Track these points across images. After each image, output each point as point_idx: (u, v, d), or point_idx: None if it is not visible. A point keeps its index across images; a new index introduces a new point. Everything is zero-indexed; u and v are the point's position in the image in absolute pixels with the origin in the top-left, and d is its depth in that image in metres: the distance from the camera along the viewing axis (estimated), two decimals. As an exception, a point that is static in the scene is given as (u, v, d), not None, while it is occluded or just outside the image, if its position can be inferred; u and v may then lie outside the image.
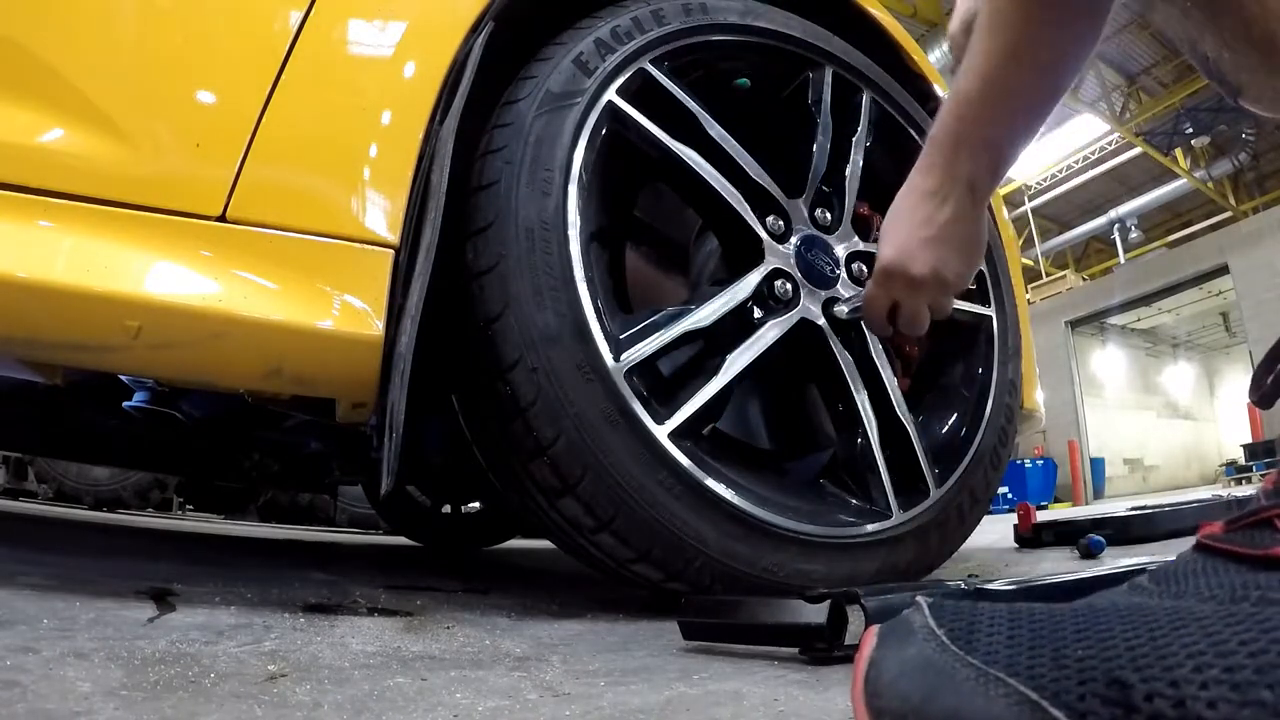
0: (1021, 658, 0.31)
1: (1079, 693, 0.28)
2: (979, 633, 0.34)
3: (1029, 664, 0.30)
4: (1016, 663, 0.31)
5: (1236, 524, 0.38)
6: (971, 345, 1.21)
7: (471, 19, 0.83)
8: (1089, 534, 1.60)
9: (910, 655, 0.34)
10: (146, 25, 0.71)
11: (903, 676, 0.33)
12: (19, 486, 5.21)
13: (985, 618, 0.35)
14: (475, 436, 0.90)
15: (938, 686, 0.31)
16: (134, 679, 0.47)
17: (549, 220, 0.83)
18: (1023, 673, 0.30)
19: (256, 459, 1.89)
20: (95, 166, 0.66)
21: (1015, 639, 0.32)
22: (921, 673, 0.32)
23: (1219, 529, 0.39)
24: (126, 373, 0.93)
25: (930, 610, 0.36)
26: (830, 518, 0.93)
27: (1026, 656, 0.31)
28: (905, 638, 0.35)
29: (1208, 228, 13.73)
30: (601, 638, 0.74)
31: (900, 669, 0.33)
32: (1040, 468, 11.99)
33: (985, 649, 0.32)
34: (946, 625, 0.35)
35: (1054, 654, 0.31)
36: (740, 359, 0.91)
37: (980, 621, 0.34)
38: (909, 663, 0.33)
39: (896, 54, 1.26)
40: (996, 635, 0.33)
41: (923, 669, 0.32)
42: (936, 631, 0.34)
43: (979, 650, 0.32)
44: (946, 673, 0.32)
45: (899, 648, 0.34)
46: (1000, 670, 0.31)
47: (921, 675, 0.32)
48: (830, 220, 1.07)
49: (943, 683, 0.31)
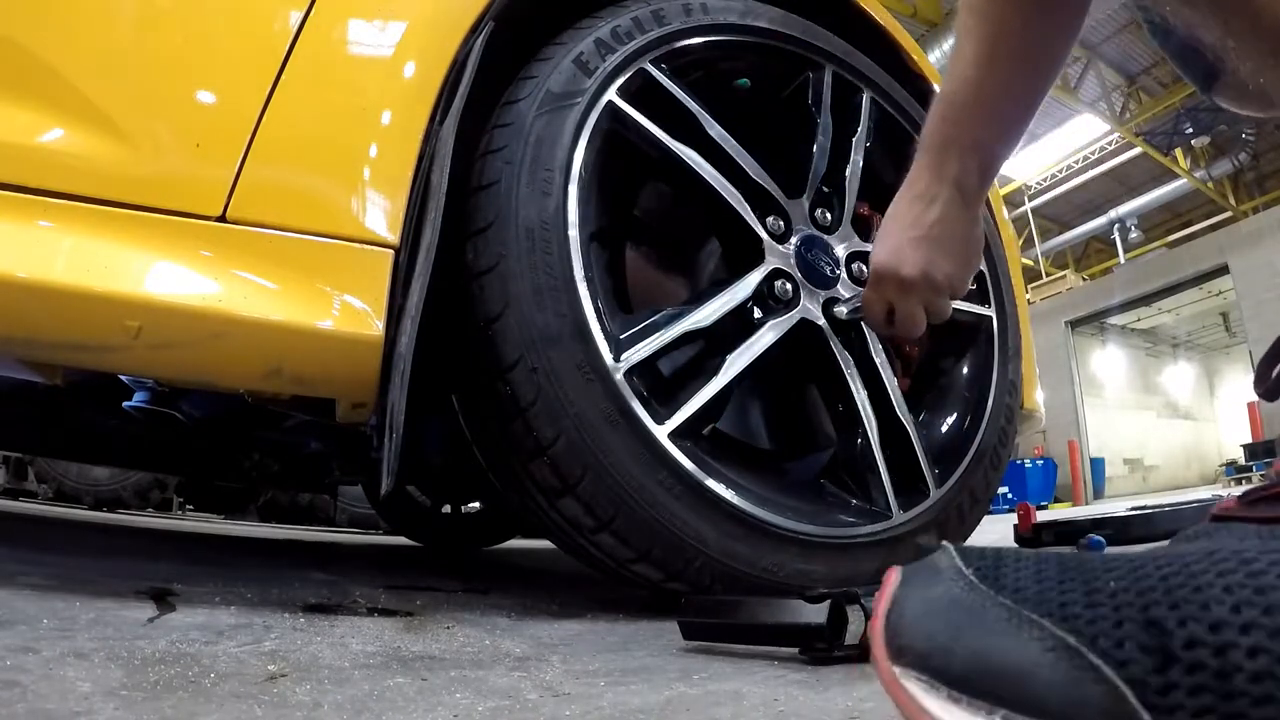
0: (1052, 593, 0.29)
1: (1116, 636, 0.27)
2: (1006, 571, 0.32)
3: (1060, 600, 0.29)
4: (1048, 599, 0.29)
5: (1251, 497, 0.37)
6: (971, 345, 1.21)
7: (471, 19, 0.83)
8: (1089, 534, 1.61)
9: (936, 594, 0.32)
10: (146, 25, 0.71)
11: (928, 615, 0.31)
12: (19, 486, 5.21)
13: (1012, 558, 0.33)
14: (475, 436, 0.90)
15: (966, 625, 0.29)
16: (134, 679, 0.47)
17: (549, 220, 0.83)
18: (1055, 611, 0.28)
19: (256, 459, 1.89)
20: (95, 166, 0.66)
21: (1044, 575, 0.31)
22: (948, 611, 0.31)
23: (1234, 504, 0.38)
24: (126, 373, 0.93)
25: (957, 552, 0.34)
26: (830, 518, 0.93)
27: (1057, 592, 0.29)
28: (931, 577, 0.33)
29: (1208, 228, 13.73)
30: (601, 638, 0.74)
31: (925, 607, 0.31)
32: (1040, 468, 11.99)
33: (1014, 585, 0.31)
34: (974, 565, 0.33)
35: (1086, 588, 0.29)
36: (740, 359, 0.91)
37: (1007, 561, 0.33)
38: (935, 601, 0.31)
39: (896, 54, 1.26)
40: (1024, 573, 0.32)
41: (949, 607, 0.31)
42: (965, 571, 0.33)
43: (1007, 588, 0.31)
44: (975, 611, 0.30)
45: (924, 587, 0.33)
46: (1031, 609, 0.29)
47: (948, 614, 0.30)
48: (830, 220, 1.07)
49: (971, 621, 0.30)
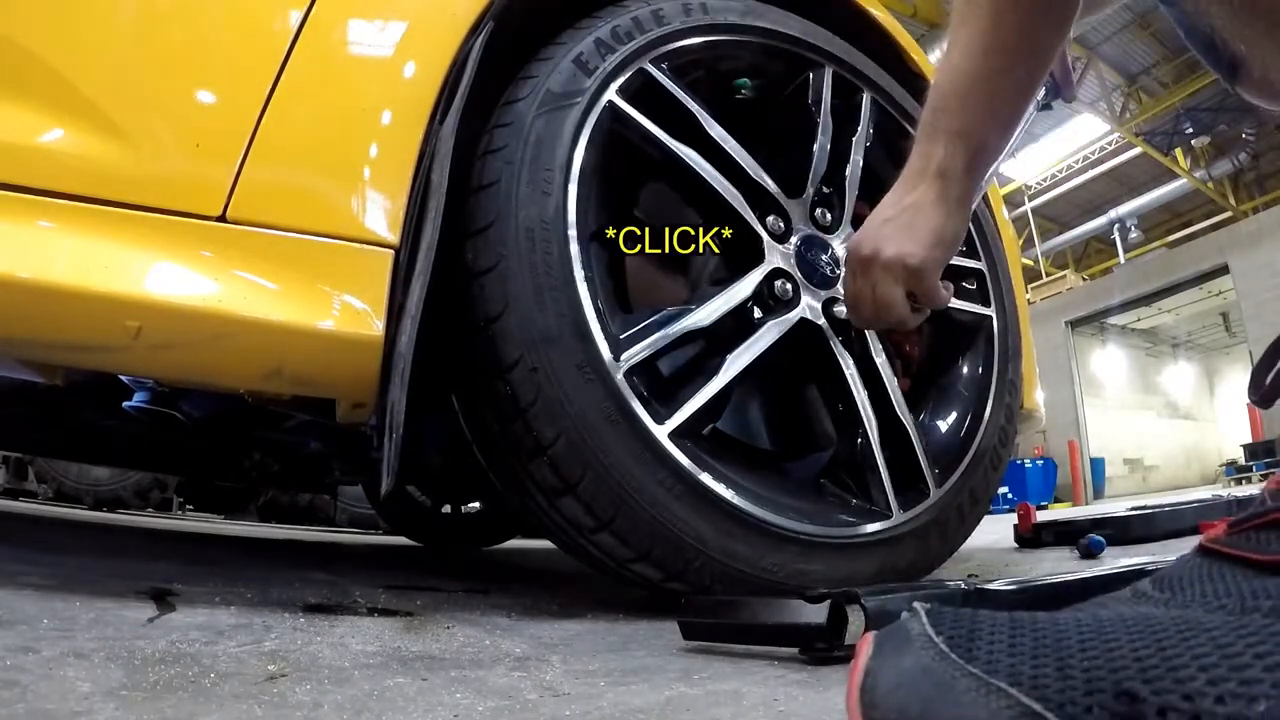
0: (1024, 667, 0.30)
1: (1085, 704, 0.27)
2: (979, 640, 0.32)
3: (1032, 673, 0.29)
4: (1019, 672, 0.29)
5: (1241, 526, 0.37)
6: (971, 345, 1.21)
7: (471, 19, 0.83)
8: (1089, 534, 1.60)
9: (908, 664, 0.32)
10: (146, 25, 0.71)
11: (900, 687, 0.31)
12: (19, 486, 5.21)
13: (985, 625, 0.34)
14: (475, 436, 0.90)
15: (936, 698, 0.30)
16: (134, 679, 0.47)
17: (549, 220, 0.83)
18: (1025, 682, 0.29)
19: (256, 459, 1.89)
20: (95, 167, 0.66)
21: (1017, 647, 0.31)
22: (919, 683, 0.31)
23: (1222, 531, 0.38)
24: (127, 373, 0.93)
25: (928, 617, 0.35)
26: (830, 518, 0.93)
27: (1030, 666, 0.30)
28: (902, 645, 0.34)
29: (1208, 228, 13.73)
30: (601, 638, 0.74)
31: (898, 679, 0.32)
32: (1040, 468, 11.99)
33: (986, 657, 0.31)
34: (945, 632, 0.33)
35: (1058, 663, 0.29)
36: (740, 359, 0.91)
37: (980, 629, 0.33)
38: (906, 672, 0.32)
39: (896, 54, 1.26)
40: (997, 643, 0.32)
41: (921, 679, 0.31)
42: (935, 639, 0.33)
43: (979, 659, 0.31)
44: (945, 683, 0.30)
45: (896, 656, 0.33)
46: (1002, 680, 0.29)
47: (919, 685, 0.31)
48: (830, 220, 1.07)
49: (942, 694, 0.30)
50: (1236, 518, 0.38)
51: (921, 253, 0.79)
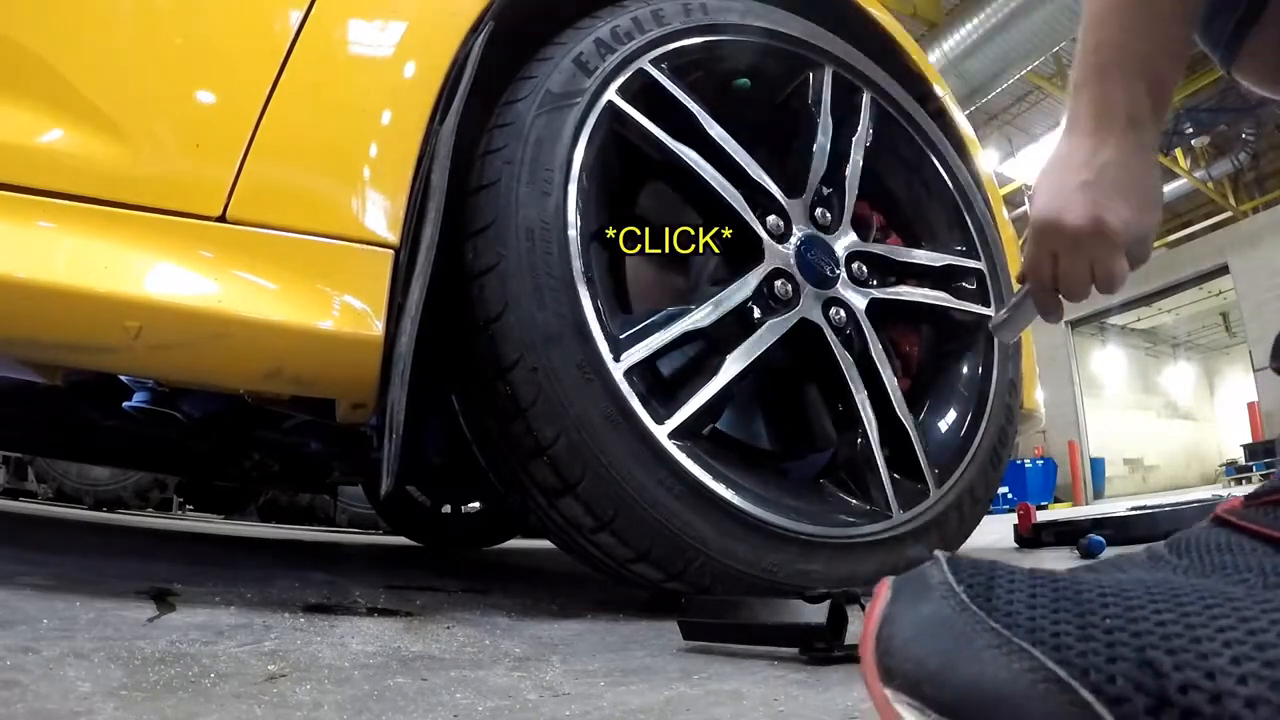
0: (1044, 621, 0.29)
1: (1109, 672, 0.26)
2: (998, 590, 0.32)
3: (1053, 629, 0.29)
4: (1040, 628, 0.29)
5: (1258, 500, 0.36)
6: (971, 345, 1.21)
7: (471, 19, 0.83)
8: (1089, 534, 1.60)
9: (926, 613, 0.31)
10: (146, 25, 0.71)
11: (918, 637, 0.31)
12: (19, 486, 5.21)
13: (1004, 576, 0.33)
14: (475, 436, 0.90)
15: (955, 652, 0.29)
16: (134, 679, 0.47)
17: (549, 220, 0.83)
18: (1048, 640, 0.28)
19: (256, 459, 1.89)
20: (95, 167, 0.66)
21: (1037, 599, 0.31)
22: (938, 635, 0.30)
23: (1239, 504, 0.37)
24: (126, 373, 0.93)
25: (949, 565, 0.34)
26: (830, 518, 0.93)
27: (1050, 621, 0.29)
28: (921, 593, 0.33)
29: (1208, 228, 13.72)
30: (601, 638, 0.74)
31: (916, 628, 0.31)
32: (1040, 468, 11.98)
33: (1005, 609, 0.30)
34: (966, 582, 0.32)
35: (1079, 621, 0.29)
36: (740, 359, 0.91)
37: (999, 579, 0.33)
38: (925, 621, 0.31)
39: (896, 54, 1.26)
40: (1017, 594, 0.31)
41: (940, 630, 0.30)
42: (955, 588, 0.32)
43: (999, 609, 0.30)
44: (965, 637, 0.29)
45: (914, 604, 0.32)
46: (1022, 636, 0.28)
47: (938, 637, 0.30)
48: (830, 220, 1.07)
49: (961, 648, 0.29)
50: (1253, 491, 0.37)
51: (1147, 218, 0.69)
